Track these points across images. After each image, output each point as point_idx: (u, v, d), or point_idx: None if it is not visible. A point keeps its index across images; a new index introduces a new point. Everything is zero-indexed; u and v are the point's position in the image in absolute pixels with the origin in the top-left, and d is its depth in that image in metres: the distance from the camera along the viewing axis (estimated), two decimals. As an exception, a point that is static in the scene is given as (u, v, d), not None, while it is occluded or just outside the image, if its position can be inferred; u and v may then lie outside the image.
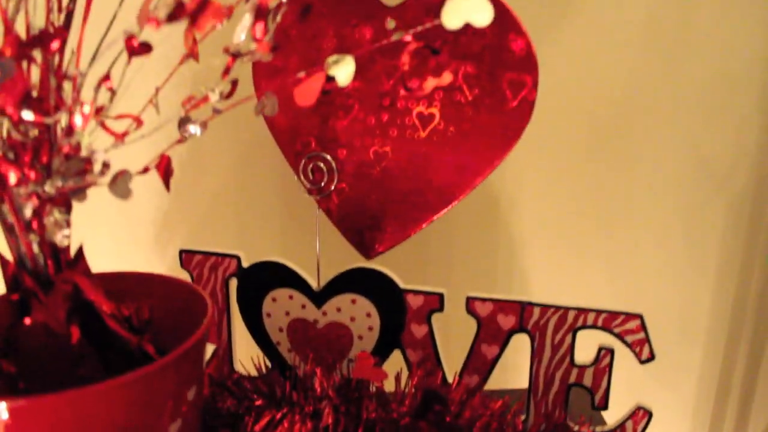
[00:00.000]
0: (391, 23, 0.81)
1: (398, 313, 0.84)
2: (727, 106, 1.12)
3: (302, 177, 0.86)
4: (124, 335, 0.61)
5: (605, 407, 0.80)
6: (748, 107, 1.12)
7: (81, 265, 0.61)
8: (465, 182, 0.83)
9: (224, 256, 0.89)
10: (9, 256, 0.59)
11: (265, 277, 0.88)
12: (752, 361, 1.28)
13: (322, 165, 0.86)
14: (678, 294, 1.23)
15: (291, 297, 0.87)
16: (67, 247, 0.60)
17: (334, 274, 0.85)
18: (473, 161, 0.82)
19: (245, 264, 0.89)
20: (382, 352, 0.86)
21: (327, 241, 0.87)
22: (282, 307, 0.88)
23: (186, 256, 0.90)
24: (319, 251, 0.85)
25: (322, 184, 0.86)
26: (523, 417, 0.81)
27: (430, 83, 0.72)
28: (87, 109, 0.56)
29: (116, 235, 0.64)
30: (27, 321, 0.57)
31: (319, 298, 0.86)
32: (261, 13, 0.51)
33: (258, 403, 0.78)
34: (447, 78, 0.79)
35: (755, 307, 1.24)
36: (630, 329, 0.76)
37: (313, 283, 0.86)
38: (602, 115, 1.12)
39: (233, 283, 0.90)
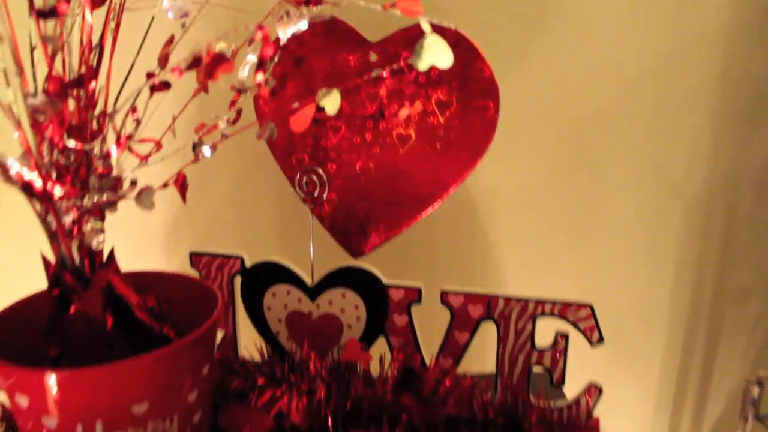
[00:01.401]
0: (373, 56, 0.93)
1: (382, 305, 0.94)
2: (680, 119, 1.22)
3: (297, 188, 0.97)
4: (149, 323, 0.73)
5: (562, 384, 0.90)
6: (700, 119, 1.23)
7: (113, 265, 0.72)
8: (438, 191, 0.95)
9: (229, 257, 1.00)
10: (51, 258, 0.69)
11: (265, 275, 0.99)
12: (709, 351, 1.38)
13: (314, 178, 0.97)
14: (639, 289, 1.33)
15: (288, 292, 0.98)
16: (101, 251, 0.71)
17: (326, 271, 0.96)
18: (445, 174, 0.94)
19: (248, 264, 0.99)
20: (368, 339, 0.97)
21: (319, 244, 0.97)
22: (281, 300, 0.99)
23: (195, 258, 1.01)
24: (312, 252, 0.96)
25: (315, 194, 0.97)
26: (490, 394, 0.92)
27: (404, 112, 0.84)
28: (116, 138, 0.67)
29: (132, 240, 0.75)
30: (71, 310, 0.68)
31: (313, 292, 0.97)
32: (262, 63, 0.62)
33: (260, 382, 0.89)
34: (418, 107, 0.91)
35: (710, 300, 1.34)
36: (582, 317, 0.87)
37: (308, 280, 0.97)
38: (566, 133, 1.22)
39: (237, 281, 1.01)
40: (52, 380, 0.61)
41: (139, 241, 0.79)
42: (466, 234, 1.25)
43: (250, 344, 1.01)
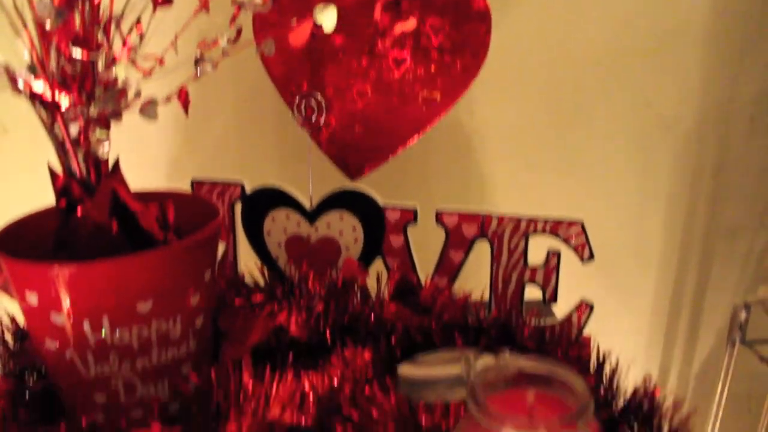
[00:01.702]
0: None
1: (379, 226, 0.97)
2: (672, 55, 1.24)
3: (296, 113, 0.99)
4: (154, 231, 0.75)
5: (554, 301, 0.93)
6: (691, 55, 1.25)
7: (118, 175, 0.74)
8: (433, 114, 0.97)
9: (230, 183, 1.02)
10: (58, 170, 0.72)
11: (265, 201, 1.01)
12: (700, 284, 1.41)
13: (313, 102, 0.99)
14: (632, 224, 1.35)
15: (288, 216, 1.00)
16: (107, 161, 0.73)
17: (324, 195, 0.99)
18: (439, 96, 0.96)
19: (248, 190, 1.02)
20: (365, 260, 0.99)
21: (318, 168, 0.99)
22: (280, 225, 1.01)
23: (197, 185, 1.03)
24: (311, 176, 0.98)
25: (313, 118, 0.99)
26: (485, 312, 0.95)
27: (398, 28, 0.86)
28: (121, 46, 0.69)
29: (134, 171, 0.76)
30: (78, 216, 0.71)
31: (312, 216, 1.00)
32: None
33: (259, 299, 0.91)
34: (412, 23, 0.93)
35: (702, 234, 1.37)
36: (573, 234, 0.89)
37: (307, 204, 0.99)
38: (559, 68, 1.24)
39: (238, 208, 1.03)
40: (59, 274, 0.64)
41: (141, 170, 0.81)
42: (461, 156, 1.27)
43: (250, 270, 1.03)
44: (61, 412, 0.74)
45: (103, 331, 0.67)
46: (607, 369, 0.74)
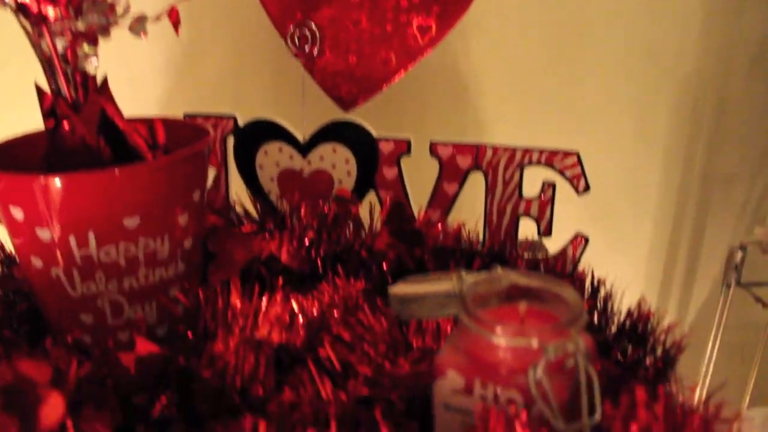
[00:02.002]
0: None
1: (372, 158, 0.96)
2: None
3: (290, 43, 0.98)
4: (143, 150, 0.74)
5: (549, 235, 0.92)
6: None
7: (106, 93, 0.73)
8: (428, 42, 0.95)
9: (222, 116, 1.01)
10: (45, 89, 0.70)
11: (257, 133, 1.00)
12: (697, 231, 1.40)
13: (307, 32, 0.97)
14: (629, 170, 1.34)
15: (280, 149, 0.99)
16: (95, 78, 0.72)
17: (317, 127, 0.97)
18: (434, 24, 0.94)
19: (241, 123, 1.00)
20: (358, 193, 0.98)
21: (311, 100, 0.98)
22: (272, 159, 1.00)
23: (189, 119, 1.01)
24: (304, 106, 0.97)
25: (307, 48, 0.98)
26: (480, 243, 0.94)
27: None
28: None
29: (126, 103, 0.75)
30: (66, 133, 0.69)
31: (305, 149, 0.98)
32: None
33: (250, 228, 0.90)
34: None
35: (699, 181, 1.36)
36: (568, 165, 0.88)
37: (299, 136, 0.98)
38: (559, 12, 1.23)
39: (230, 142, 1.02)
40: (44, 186, 0.62)
41: (133, 106, 0.79)
42: (456, 87, 1.26)
43: (241, 208, 1.01)
44: (47, 334, 0.72)
45: (90, 246, 0.65)
46: (601, 294, 0.72)
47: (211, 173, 1.00)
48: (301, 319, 0.67)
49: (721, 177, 1.34)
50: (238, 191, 1.02)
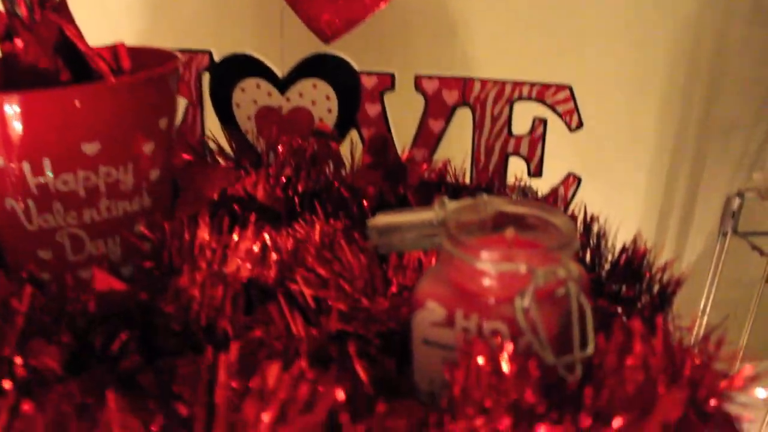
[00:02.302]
0: None
1: (354, 94, 0.91)
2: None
3: (268, -29, 0.92)
4: (106, 74, 0.69)
5: (539, 175, 0.87)
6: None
7: (65, 12, 0.68)
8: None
9: (197, 51, 0.96)
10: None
11: (234, 69, 0.95)
12: (692, 182, 1.36)
13: (285, -40, 0.92)
14: (624, 115, 1.29)
15: (258, 86, 0.94)
16: (52, -4, 0.67)
17: (297, 61, 0.92)
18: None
19: (216, 58, 0.95)
20: (340, 132, 0.93)
21: (290, 31, 0.93)
22: (250, 96, 0.95)
23: (159, 51, 0.96)
24: (282, 40, 0.92)
25: (286, -23, 0.93)
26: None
27: None
28: None
29: (101, 41, 0.71)
30: (19, 45, 0.64)
31: (283, 84, 0.94)
32: None
33: (226, 165, 0.85)
34: None
35: (696, 130, 1.31)
36: (560, 99, 0.83)
37: (278, 71, 0.93)
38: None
39: (206, 79, 0.97)
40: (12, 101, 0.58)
41: (107, 41, 0.74)
42: (442, 17, 1.20)
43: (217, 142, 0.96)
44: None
45: (46, 174, 0.60)
46: (594, 230, 0.68)
47: (183, 104, 0.95)
48: (274, 255, 0.62)
49: (719, 126, 1.30)
50: (215, 131, 0.96)
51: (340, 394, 0.44)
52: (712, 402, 0.46)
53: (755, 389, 0.47)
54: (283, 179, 0.82)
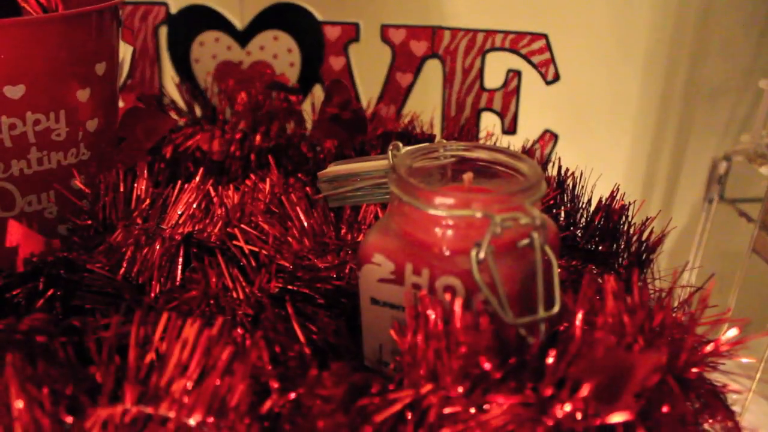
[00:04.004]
0: None
1: (317, 47, 0.86)
2: None
3: None
4: (32, 9, 0.63)
5: (514, 132, 0.82)
6: None
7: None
8: None
9: (153, 3, 0.90)
10: None
11: (192, 22, 0.89)
12: (677, 150, 1.31)
13: None
14: (608, 72, 1.24)
15: (217, 39, 0.89)
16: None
17: (257, 11, 0.86)
18: None
19: (173, 10, 0.89)
20: (303, 87, 0.88)
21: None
22: (209, 51, 0.90)
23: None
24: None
25: None
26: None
27: None
28: None
29: None
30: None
31: (243, 37, 0.88)
32: None
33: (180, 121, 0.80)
34: None
35: (681, 94, 1.26)
36: (536, 49, 0.78)
37: (238, 23, 0.87)
38: None
39: (163, 32, 0.91)
40: None
41: None
42: None
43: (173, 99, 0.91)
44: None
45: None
46: (569, 184, 0.62)
47: (130, 53, 0.89)
48: (218, 210, 0.57)
49: (704, 91, 1.25)
50: (172, 88, 0.91)
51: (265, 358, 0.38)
52: (694, 369, 0.41)
53: (741, 358, 0.41)
54: (239, 135, 0.76)
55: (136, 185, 0.58)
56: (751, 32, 1.17)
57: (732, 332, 0.41)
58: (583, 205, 0.61)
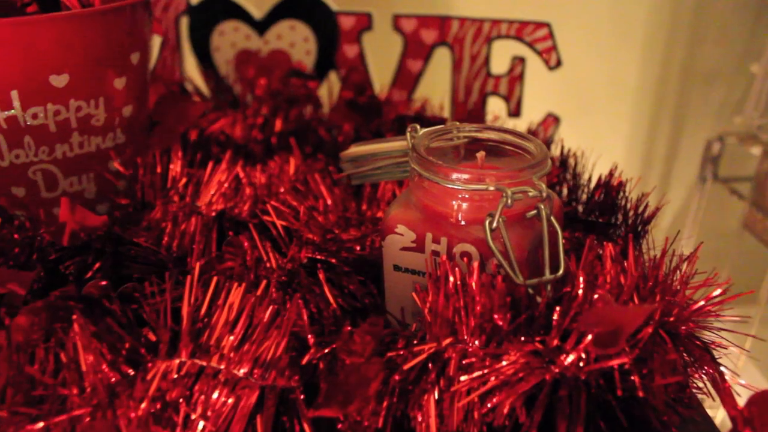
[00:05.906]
0: None
1: (332, 35, 0.90)
2: None
3: None
4: (72, 4, 0.67)
5: (518, 115, 0.86)
6: None
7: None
8: None
9: (174, -6, 0.94)
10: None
11: (212, 12, 0.94)
12: (675, 127, 1.35)
13: None
14: (606, 57, 1.28)
15: (236, 29, 0.93)
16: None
17: (274, 2, 0.91)
18: None
19: (194, 1, 0.94)
20: (318, 73, 0.92)
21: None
22: (228, 39, 0.94)
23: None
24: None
25: None
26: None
27: None
28: None
29: None
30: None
31: (262, 26, 0.92)
32: None
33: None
34: None
35: (678, 78, 1.30)
36: (539, 37, 0.82)
37: (256, 13, 0.92)
38: None
39: (184, 22, 0.95)
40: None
41: None
42: None
43: (196, 86, 0.95)
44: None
45: (15, 108, 0.59)
46: (571, 163, 0.67)
47: (158, 43, 0.94)
48: (248, 190, 0.62)
49: (699, 75, 1.29)
50: (194, 75, 0.95)
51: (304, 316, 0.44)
52: (684, 325, 0.46)
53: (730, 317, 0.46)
54: (260, 120, 0.81)
55: (171, 166, 0.62)
56: (745, 19, 1.21)
57: (717, 292, 0.46)
58: (585, 183, 0.66)
